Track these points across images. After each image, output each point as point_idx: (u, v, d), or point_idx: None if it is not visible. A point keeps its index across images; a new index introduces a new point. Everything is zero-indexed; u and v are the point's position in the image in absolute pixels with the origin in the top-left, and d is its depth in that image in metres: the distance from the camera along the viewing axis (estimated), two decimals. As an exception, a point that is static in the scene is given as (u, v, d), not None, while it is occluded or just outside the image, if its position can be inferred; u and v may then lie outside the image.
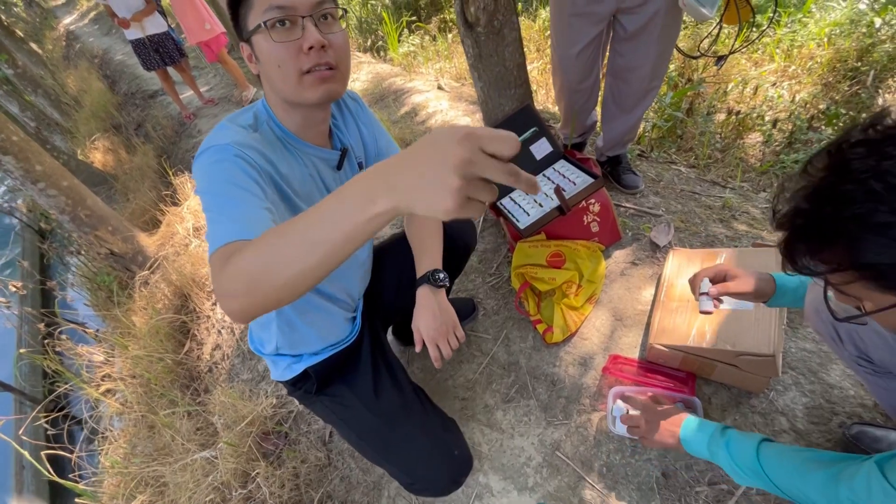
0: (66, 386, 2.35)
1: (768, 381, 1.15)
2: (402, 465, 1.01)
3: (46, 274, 3.78)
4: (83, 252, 2.91)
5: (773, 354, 1.06)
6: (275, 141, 0.79)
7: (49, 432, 2.31)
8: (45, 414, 2.34)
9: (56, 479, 1.84)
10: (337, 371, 1.07)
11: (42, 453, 1.96)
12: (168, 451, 1.77)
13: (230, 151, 0.69)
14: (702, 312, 0.94)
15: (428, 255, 1.02)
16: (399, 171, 0.42)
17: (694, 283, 0.97)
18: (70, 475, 1.94)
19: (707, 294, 0.93)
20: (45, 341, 2.49)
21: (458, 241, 1.18)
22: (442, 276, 1.00)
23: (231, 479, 1.51)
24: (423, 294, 0.98)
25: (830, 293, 0.60)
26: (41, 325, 2.57)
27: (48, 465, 1.84)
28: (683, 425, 0.91)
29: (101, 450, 2.02)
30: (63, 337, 2.43)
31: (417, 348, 0.98)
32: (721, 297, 0.94)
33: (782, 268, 0.59)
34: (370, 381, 1.06)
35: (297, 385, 1.07)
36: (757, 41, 3.21)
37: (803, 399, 1.16)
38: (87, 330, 2.66)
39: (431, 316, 0.97)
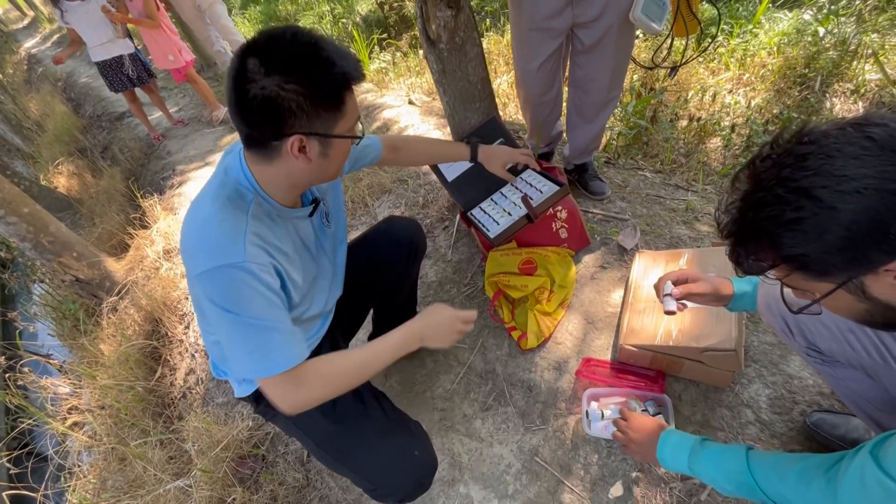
0: (30, 421, 2.23)
1: (732, 374, 1.19)
2: (361, 470, 1.00)
3: (7, 305, 3.62)
4: (47, 280, 2.81)
5: (735, 349, 1.10)
6: (265, 217, 0.83)
7: (12, 471, 2.20)
8: (6, 452, 2.22)
9: (19, 520, 1.75)
10: None
11: (4, 494, 1.85)
12: (140, 482, 1.71)
13: (248, 270, 0.75)
14: (666, 313, 0.98)
15: (454, 146, 1.37)
16: (430, 331, 0.92)
17: (658, 286, 1.01)
18: (35, 515, 1.85)
19: (670, 295, 0.97)
20: (7, 375, 2.37)
21: (403, 240, 1.27)
22: (477, 140, 1.37)
23: (206, 508, 1.46)
24: (483, 148, 1.36)
25: (786, 290, 0.66)
26: (1, 359, 2.45)
27: (10, 507, 1.74)
28: (660, 443, 0.89)
29: (69, 486, 1.93)
30: (26, 370, 2.32)
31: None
32: (685, 301, 0.99)
33: (735, 271, 0.64)
34: None
35: (258, 401, 1.06)
36: (707, 51, 3.37)
37: (766, 391, 1.20)
38: (51, 361, 2.55)
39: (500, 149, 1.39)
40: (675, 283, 0.98)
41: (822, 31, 3.18)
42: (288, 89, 0.69)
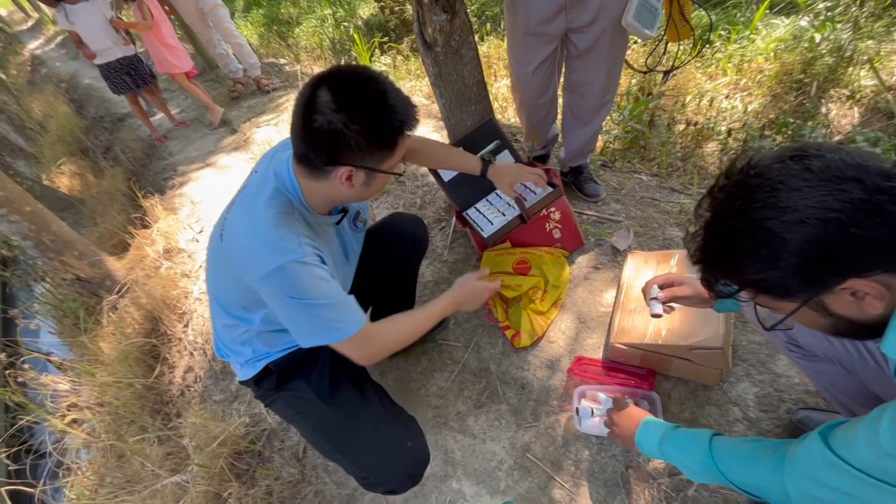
0: (30, 418, 2.25)
1: (720, 373, 1.21)
2: (354, 457, 1.03)
3: (8, 302, 3.64)
4: (48, 278, 2.83)
5: (722, 347, 1.12)
6: (304, 222, 0.93)
7: (10, 468, 2.21)
8: (6, 449, 2.23)
9: (17, 515, 1.77)
10: (297, 366, 1.11)
11: (3, 490, 1.87)
12: (138, 478, 1.72)
13: (308, 263, 0.86)
14: (653, 316, 1.02)
15: (465, 158, 1.35)
16: (465, 298, 1.10)
17: (645, 290, 1.04)
18: (33, 510, 1.86)
19: (657, 299, 1.01)
20: (7, 372, 2.39)
21: (407, 234, 1.33)
22: (489, 158, 1.39)
23: (203, 503, 1.47)
24: (494, 166, 1.35)
25: (760, 309, 0.70)
26: (2, 356, 2.47)
27: (9, 502, 1.76)
28: (640, 424, 0.94)
29: (67, 482, 1.94)
30: (26, 367, 2.34)
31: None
32: (671, 304, 1.02)
33: (709, 295, 0.67)
34: (327, 376, 1.10)
35: (259, 384, 1.10)
36: (704, 57, 3.40)
37: (754, 389, 1.22)
38: (51, 359, 2.58)
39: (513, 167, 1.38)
40: (662, 287, 1.02)
41: (818, 37, 3.21)
42: (352, 129, 0.78)
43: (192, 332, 2.28)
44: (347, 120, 0.77)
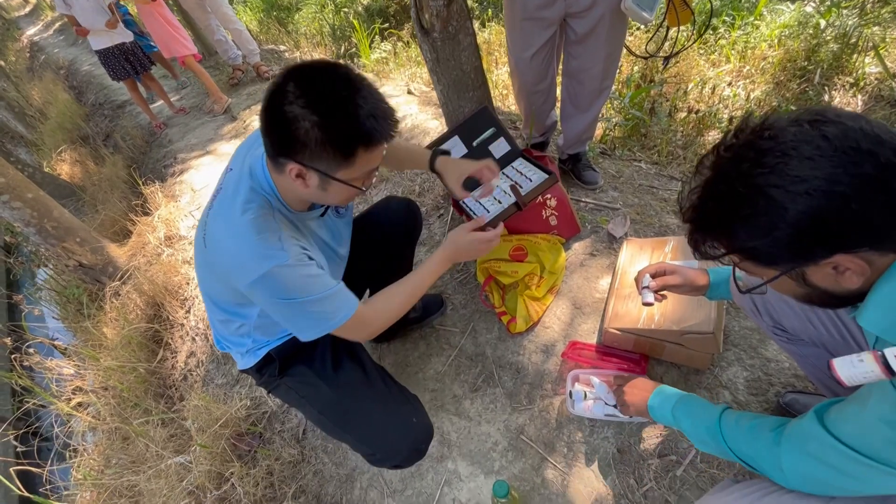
0: (35, 401, 2.30)
1: (711, 357, 1.23)
2: (361, 435, 1.05)
3: (12, 288, 3.68)
4: (51, 265, 2.86)
5: (713, 332, 1.14)
6: (286, 222, 0.92)
7: (18, 449, 2.26)
8: (13, 431, 2.28)
9: (26, 494, 1.81)
10: (298, 351, 1.13)
11: (11, 469, 1.92)
12: (142, 459, 1.77)
13: (294, 265, 0.85)
14: (644, 304, 1.04)
15: (417, 152, 1.28)
16: (459, 254, 1.06)
17: (638, 279, 1.06)
18: (41, 490, 1.91)
19: (648, 287, 1.03)
20: (13, 357, 2.43)
21: (401, 217, 1.33)
22: (441, 149, 1.26)
23: (206, 482, 1.51)
24: (444, 158, 1.23)
25: (738, 272, 0.71)
26: (7, 340, 2.51)
27: (18, 482, 1.81)
28: (654, 392, 0.95)
29: (74, 464, 1.99)
30: (31, 351, 2.38)
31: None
32: (663, 293, 1.04)
33: (692, 255, 0.68)
34: (329, 358, 1.12)
35: (261, 371, 1.12)
36: (703, 44, 3.36)
37: (744, 373, 1.24)
38: (56, 344, 2.62)
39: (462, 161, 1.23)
40: (654, 276, 1.03)
41: (823, 23, 3.17)
42: (307, 121, 0.73)
43: (193, 317, 2.31)
44: (306, 111, 0.72)
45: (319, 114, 0.72)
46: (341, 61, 0.83)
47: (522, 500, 1.21)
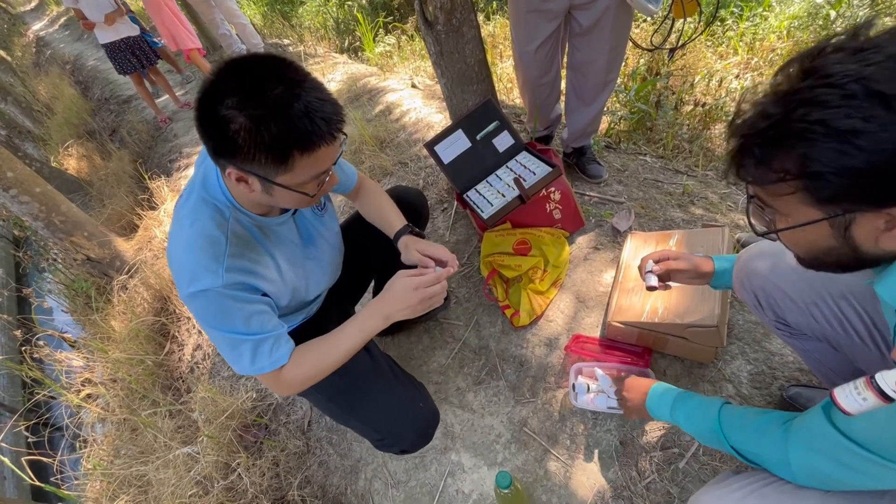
0: (45, 393, 2.33)
1: (715, 351, 1.23)
2: (369, 419, 1.06)
3: (22, 282, 3.73)
4: (59, 259, 2.89)
5: (717, 325, 1.14)
6: (244, 232, 0.85)
7: (30, 440, 2.30)
8: (24, 422, 2.32)
9: (37, 483, 1.85)
10: (304, 340, 1.12)
11: (23, 459, 1.95)
12: (151, 450, 1.79)
13: (225, 294, 0.79)
14: (648, 289, 1.01)
15: (396, 217, 1.13)
16: (388, 307, 0.87)
17: (641, 265, 1.05)
18: (52, 479, 1.95)
19: (652, 272, 1.01)
20: (23, 349, 2.47)
21: (407, 205, 1.26)
22: (416, 228, 1.11)
23: (213, 472, 1.54)
24: (408, 240, 1.06)
25: (750, 208, 0.61)
26: (17, 333, 2.55)
27: (29, 471, 1.84)
28: (650, 392, 0.93)
29: (84, 454, 2.02)
30: (41, 343, 2.42)
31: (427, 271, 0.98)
32: (668, 282, 1.02)
33: (723, 176, 0.60)
34: None
35: None
36: (710, 36, 3.33)
37: (748, 367, 1.24)
38: (65, 336, 2.65)
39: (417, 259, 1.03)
40: (657, 262, 1.02)
41: (833, 13, 3.12)
42: (237, 121, 0.65)
43: (199, 311, 2.33)
44: (236, 112, 0.65)
45: (249, 114, 0.65)
46: (282, 54, 0.74)
47: (525, 491, 1.22)
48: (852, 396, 0.52)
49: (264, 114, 0.65)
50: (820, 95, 0.46)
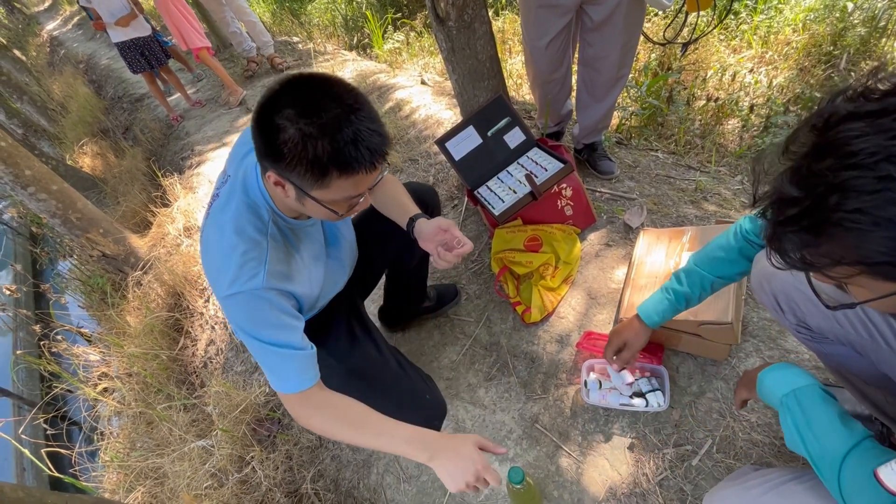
0: (63, 386, 2.39)
1: (729, 348, 1.22)
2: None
3: (39, 278, 3.80)
4: (75, 255, 2.94)
5: (731, 322, 1.13)
6: (280, 236, 0.90)
7: (48, 432, 2.36)
8: (42, 415, 2.38)
9: (56, 474, 1.89)
10: (314, 333, 1.14)
11: (42, 451, 2.00)
12: (166, 443, 1.83)
13: (265, 297, 0.83)
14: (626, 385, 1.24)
15: (411, 204, 1.15)
16: (440, 455, 0.82)
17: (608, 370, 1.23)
18: (70, 471, 1.99)
19: (622, 371, 1.24)
20: (41, 343, 2.52)
21: (419, 201, 1.26)
22: (428, 215, 1.13)
23: (227, 465, 1.56)
24: (422, 221, 1.08)
25: (813, 277, 0.55)
26: (36, 327, 2.61)
27: (48, 462, 1.88)
28: (774, 366, 0.80)
29: (101, 446, 2.06)
30: (59, 338, 2.47)
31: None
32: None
33: (767, 258, 0.53)
34: (344, 340, 1.13)
35: None
36: (723, 29, 3.28)
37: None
38: (82, 331, 2.70)
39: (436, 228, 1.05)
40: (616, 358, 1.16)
41: (850, 6, 3.06)
42: (289, 131, 0.69)
43: (212, 306, 2.36)
44: (290, 122, 0.69)
45: (300, 128, 0.69)
46: (344, 79, 0.76)
47: (537, 487, 1.22)
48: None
49: (314, 131, 0.69)
50: (850, 180, 0.42)
